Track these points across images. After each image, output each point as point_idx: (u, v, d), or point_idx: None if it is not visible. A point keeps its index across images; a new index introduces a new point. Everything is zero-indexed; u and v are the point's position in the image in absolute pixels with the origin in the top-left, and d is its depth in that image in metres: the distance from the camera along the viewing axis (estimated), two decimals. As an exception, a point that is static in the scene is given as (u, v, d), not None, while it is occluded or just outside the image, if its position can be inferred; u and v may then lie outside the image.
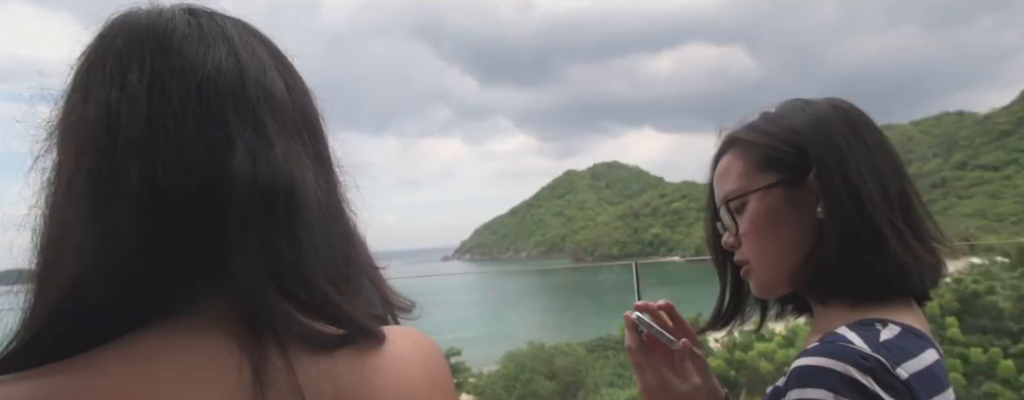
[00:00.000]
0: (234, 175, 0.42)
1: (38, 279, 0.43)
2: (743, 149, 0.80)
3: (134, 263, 0.40)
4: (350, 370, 0.45)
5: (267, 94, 0.46)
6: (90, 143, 0.42)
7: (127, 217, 0.40)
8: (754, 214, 0.78)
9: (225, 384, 0.40)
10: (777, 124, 0.79)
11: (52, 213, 0.44)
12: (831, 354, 0.61)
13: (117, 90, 0.42)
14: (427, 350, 0.53)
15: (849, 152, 0.74)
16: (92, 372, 0.38)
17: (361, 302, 0.50)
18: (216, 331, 0.42)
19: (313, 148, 0.49)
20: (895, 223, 0.72)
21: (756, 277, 0.80)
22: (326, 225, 0.47)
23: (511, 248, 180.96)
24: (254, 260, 0.42)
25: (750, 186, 0.78)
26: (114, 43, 0.45)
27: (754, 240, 0.78)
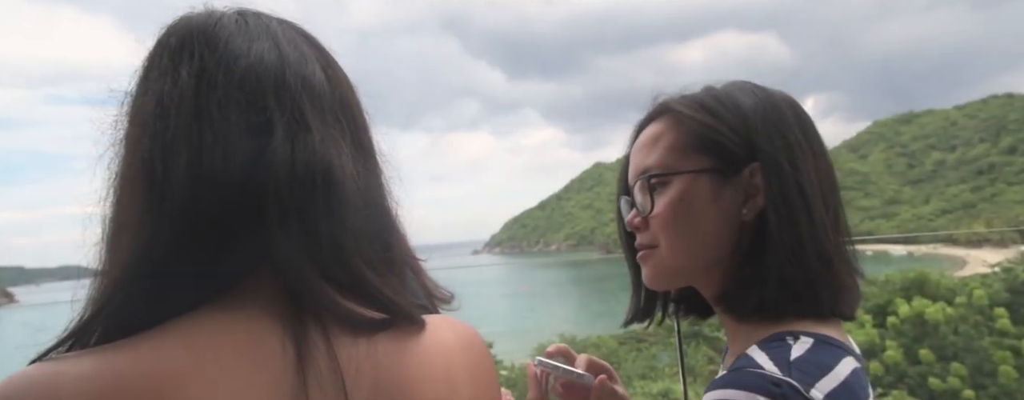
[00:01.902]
0: (273, 158, 0.44)
1: (103, 263, 0.46)
2: (677, 121, 0.70)
3: (184, 246, 0.42)
4: (389, 354, 0.46)
5: (306, 83, 0.48)
6: (144, 132, 0.45)
7: (177, 201, 0.42)
8: (673, 198, 0.68)
9: (270, 364, 0.42)
10: (723, 103, 0.69)
11: (115, 201, 0.47)
12: (738, 384, 0.57)
13: (170, 83, 0.46)
14: (468, 338, 0.54)
15: (800, 152, 0.66)
16: (149, 351, 0.40)
17: (403, 288, 0.50)
18: (261, 313, 0.44)
19: (352, 136, 0.51)
20: (836, 241, 0.67)
21: (654, 265, 0.71)
22: (365, 210, 0.48)
23: (541, 241, 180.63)
24: (294, 242, 0.44)
25: (677, 166, 0.68)
26: (169, 42, 0.49)
27: (665, 227, 0.68)
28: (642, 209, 0.71)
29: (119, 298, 0.42)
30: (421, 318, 0.50)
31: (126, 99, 0.50)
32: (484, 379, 0.53)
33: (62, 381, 0.37)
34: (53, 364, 0.39)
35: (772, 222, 0.65)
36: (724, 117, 0.68)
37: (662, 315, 0.82)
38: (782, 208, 0.65)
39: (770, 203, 0.65)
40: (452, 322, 0.54)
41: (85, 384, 0.37)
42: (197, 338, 0.41)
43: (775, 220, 0.64)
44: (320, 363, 0.43)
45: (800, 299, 0.64)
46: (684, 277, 0.72)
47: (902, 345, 11.83)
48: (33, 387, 0.37)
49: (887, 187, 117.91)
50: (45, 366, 0.39)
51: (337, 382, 0.43)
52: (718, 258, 0.68)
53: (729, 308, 0.70)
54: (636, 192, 0.72)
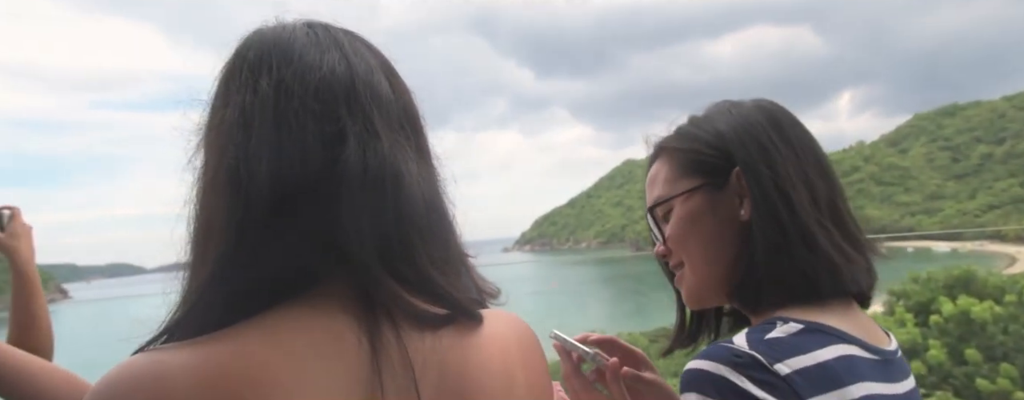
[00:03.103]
0: (346, 165, 0.47)
1: (190, 262, 0.49)
2: (669, 156, 0.80)
3: (267, 247, 0.46)
4: (452, 348, 0.50)
5: (374, 93, 0.52)
6: (230, 141, 0.48)
7: (261, 205, 0.46)
8: (677, 218, 0.77)
9: (348, 357, 0.45)
10: (702, 128, 0.78)
11: (201, 204, 0.50)
12: (706, 355, 0.61)
13: (251, 94, 0.49)
14: (522, 332, 0.57)
15: (775, 152, 0.73)
16: (237, 345, 0.43)
17: (462, 285, 0.54)
18: (336, 310, 0.47)
19: (415, 142, 0.54)
20: (824, 223, 0.71)
21: (685, 285, 0.78)
22: (428, 212, 0.51)
23: (571, 238, 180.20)
24: (366, 243, 0.47)
25: (673, 191, 0.77)
26: (248, 54, 0.52)
27: (679, 245, 0.77)
28: (659, 238, 0.80)
29: (209, 295, 0.45)
30: (480, 313, 0.53)
31: (207, 108, 0.53)
32: (537, 370, 0.56)
33: (166, 369, 0.40)
34: (156, 354, 0.42)
35: (754, 217, 0.71)
36: (702, 138, 0.77)
37: (711, 336, 0.86)
38: (762, 204, 0.71)
39: (752, 201, 0.71)
40: (506, 316, 0.57)
41: (187, 373, 0.40)
42: (281, 333, 0.44)
43: (756, 215, 0.71)
44: (392, 356, 0.46)
45: (791, 285, 0.69)
46: (712, 286, 0.75)
47: (946, 345, 11.43)
48: (141, 374, 0.40)
49: (929, 182, 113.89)
50: (149, 356, 0.42)
51: (408, 373, 0.46)
52: (734, 261, 0.73)
53: (740, 303, 0.74)
54: (650, 224, 0.82)
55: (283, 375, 0.42)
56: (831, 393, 0.59)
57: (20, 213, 1.39)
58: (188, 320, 0.45)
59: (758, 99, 0.79)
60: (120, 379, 0.40)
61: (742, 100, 0.80)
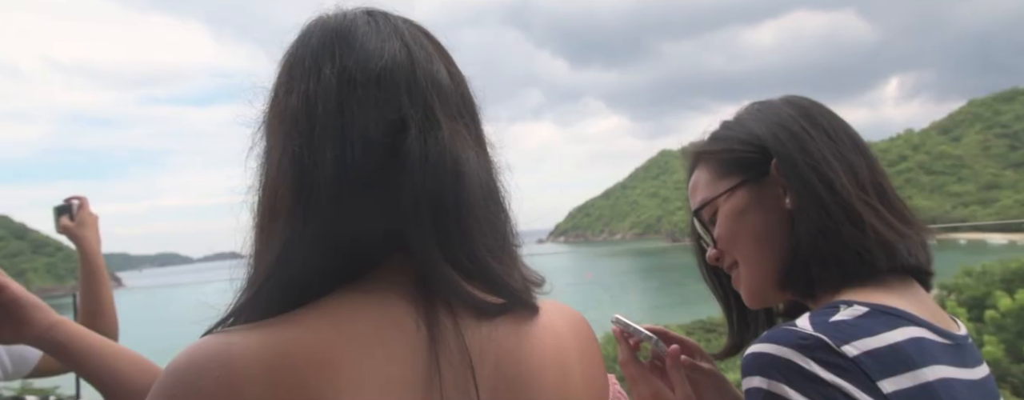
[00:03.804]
0: (409, 153, 0.48)
1: (256, 248, 0.50)
2: (706, 160, 0.81)
3: (331, 233, 0.46)
4: (508, 337, 0.50)
5: (434, 81, 0.52)
6: (294, 128, 0.49)
7: (323, 192, 0.46)
8: (723, 217, 0.77)
9: (407, 344, 0.46)
10: (734, 129, 0.80)
11: (265, 191, 0.51)
12: (769, 339, 0.60)
13: (314, 81, 0.49)
14: (578, 323, 0.58)
15: (807, 138, 0.73)
16: (302, 328, 0.43)
17: (517, 274, 0.53)
18: (395, 296, 0.47)
19: (473, 130, 0.54)
20: (869, 201, 0.70)
21: (743, 284, 0.78)
22: (486, 200, 0.51)
23: (605, 230, 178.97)
24: (425, 231, 0.47)
25: (715, 192, 0.78)
26: (311, 42, 0.52)
27: (730, 244, 0.77)
28: (710, 242, 0.80)
29: (273, 280, 0.46)
30: (536, 303, 0.53)
31: (269, 95, 0.53)
32: (592, 360, 0.57)
33: (234, 351, 0.41)
34: (223, 336, 0.43)
35: (798, 204, 0.71)
36: (735, 137, 0.79)
37: None
38: (802, 189, 0.71)
39: (793, 188, 0.72)
40: (561, 307, 0.57)
41: (253, 354, 0.41)
42: (342, 317, 0.45)
43: (799, 201, 0.71)
44: (450, 344, 0.47)
45: (844, 265, 0.68)
46: (771, 280, 0.75)
47: (1003, 341, 10.93)
48: (211, 355, 0.41)
49: (984, 171, 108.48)
50: (217, 338, 0.43)
51: (465, 362, 0.47)
52: (786, 252, 0.72)
53: (794, 290, 0.74)
54: (698, 229, 0.82)
55: (345, 359, 0.43)
56: (904, 375, 0.57)
57: (88, 203, 1.46)
58: (254, 304, 0.46)
59: (786, 96, 0.81)
60: (191, 360, 0.41)
61: (771, 99, 0.81)
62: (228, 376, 0.40)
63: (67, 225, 1.44)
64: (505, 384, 0.49)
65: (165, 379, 0.41)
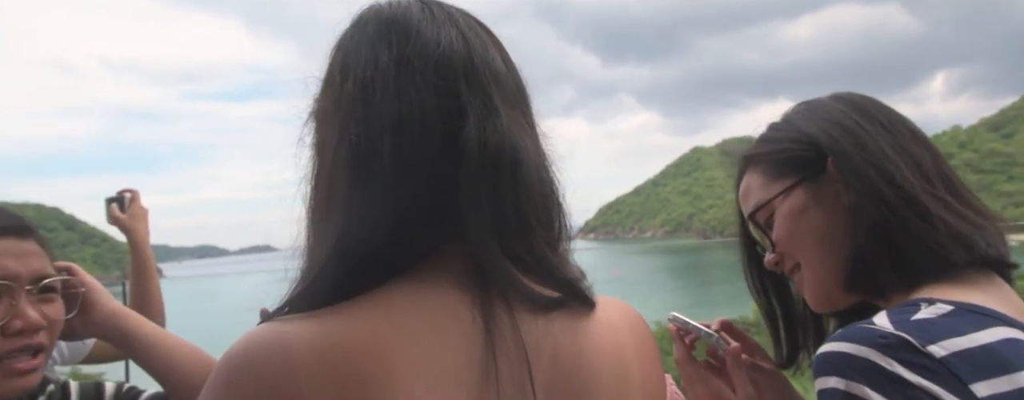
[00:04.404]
0: (468, 141, 0.47)
1: (310, 237, 0.50)
2: (756, 163, 0.78)
3: (387, 221, 0.45)
4: (565, 332, 0.49)
5: (491, 68, 0.51)
6: (350, 116, 0.48)
7: (382, 180, 0.46)
8: (782, 220, 0.74)
9: (462, 334, 0.45)
10: (783, 129, 0.77)
11: (321, 179, 0.50)
12: (847, 338, 0.56)
13: (372, 68, 0.49)
14: (634, 319, 0.57)
15: (862, 133, 0.70)
16: (355, 318, 0.43)
17: (572, 267, 0.52)
18: (450, 286, 0.46)
19: (528, 119, 0.53)
20: (936, 193, 0.66)
21: (807, 287, 0.74)
22: (543, 191, 0.50)
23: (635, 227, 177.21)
24: (483, 220, 0.46)
25: (770, 194, 0.75)
26: (366, 29, 0.52)
27: (790, 247, 0.73)
28: (768, 246, 0.77)
29: (329, 269, 0.45)
30: (593, 298, 0.52)
31: (322, 83, 0.53)
32: (651, 359, 0.55)
33: (291, 339, 0.41)
34: (279, 325, 0.42)
35: (858, 201, 0.68)
36: (786, 137, 0.76)
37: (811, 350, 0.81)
38: (861, 185, 0.68)
39: (851, 184, 0.69)
40: (617, 303, 0.56)
41: (309, 343, 0.41)
42: (397, 307, 0.44)
43: (859, 198, 0.68)
44: (506, 337, 0.45)
45: (916, 262, 0.65)
46: (836, 286, 0.71)
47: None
48: (267, 343, 0.41)
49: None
50: (273, 326, 0.42)
51: (521, 355, 0.46)
52: (851, 253, 0.69)
53: (862, 291, 0.70)
54: (754, 233, 0.79)
55: (400, 349, 0.42)
56: (999, 379, 0.52)
57: (139, 196, 1.49)
58: (309, 293, 0.46)
59: (834, 93, 0.78)
60: (247, 348, 0.41)
61: (819, 98, 0.78)
62: (284, 364, 0.40)
63: (118, 216, 1.49)
64: (562, 380, 0.47)
65: (222, 367, 0.41)
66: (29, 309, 0.71)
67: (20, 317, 0.70)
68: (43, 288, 0.74)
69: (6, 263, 0.71)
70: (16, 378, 0.70)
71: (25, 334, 0.70)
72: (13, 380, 0.70)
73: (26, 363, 0.71)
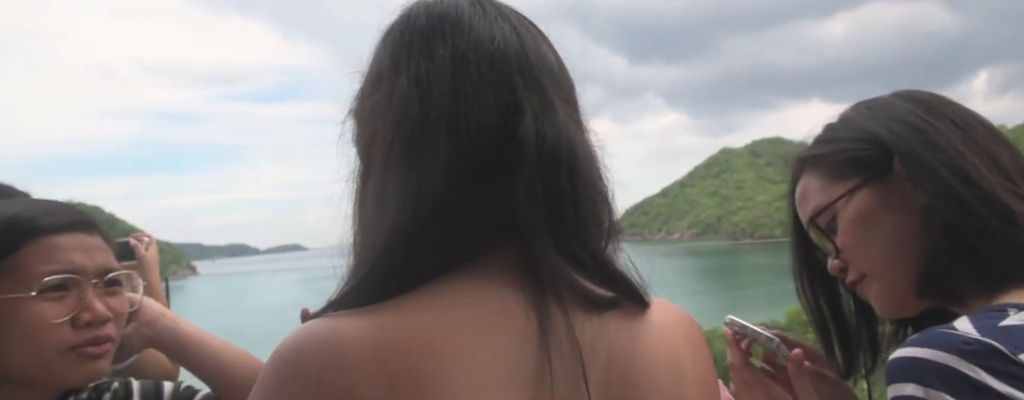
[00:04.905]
0: (523, 136, 0.46)
1: (361, 235, 0.49)
2: (814, 165, 0.74)
3: (442, 218, 0.45)
4: (620, 332, 0.48)
5: (545, 64, 0.50)
6: (404, 111, 0.47)
7: (437, 176, 0.45)
8: (847, 223, 0.69)
9: (516, 332, 0.44)
10: (842, 130, 0.73)
11: (370, 177, 0.49)
12: (926, 343, 0.53)
13: (426, 62, 0.48)
14: (687, 320, 0.56)
15: (932, 130, 0.66)
16: (408, 314, 0.43)
17: (624, 266, 0.51)
18: (503, 283, 0.46)
19: (579, 116, 0.53)
20: (1020, 192, 0.62)
21: (875, 292, 0.70)
22: (595, 188, 0.50)
23: (663, 229, 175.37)
24: (538, 217, 0.45)
25: (831, 196, 0.71)
26: (418, 24, 0.50)
27: (858, 251, 0.69)
28: (831, 252, 0.73)
29: (382, 265, 0.45)
30: (648, 298, 0.51)
31: (368, 80, 0.52)
32: (705, 362, 0.55)
33: (343, 334, 0.41)
34: (330, 320, 0.42)
35: (931, 202, 0.64)
36: (847, 137, 0.72)
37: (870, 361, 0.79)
38: (931, 184, 0.64)
39: (922, 184, 0.65)
40: (668, 304, 0.55)
41: (362, 338, 0.40)
42: (450, 303, 0.44)
43: (928, 197, 0.64)
44: (560, 335, 0.44)
45: (996, 263, 0.61)
46: (909, 291, 0.68)
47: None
48: (320, 338, 0.41)
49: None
50: (323, 322, 0.42)
51: (575, 355, 0.45)
52: (924, 257, 0.66)
53: (938, 297, 0.67)
54: (816, 239, 0.75)
55: (453, 345, 0.42)
56: None
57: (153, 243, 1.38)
58: (361, 289, 0.45)
59: (895, 91, 0.74)
60: (299, 344, 0.41)
61: (878, 96, 0.74)
62: (337, 358, 0.39)
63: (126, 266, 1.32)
64: (617, 381, 0.47)
65: (273, 362, 0.41)
66: (96, 302, 0.74)
67: (88, 310, 0.73)
68: (108, 281, 0.77)
69: (73, 257, 0.73)
70: (88, 364, 0.73)
71: (94, 326, 0.73)
72: (86, 366, 0.73)
73: (97, 348, 0.74)
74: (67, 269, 0.72)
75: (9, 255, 0.71)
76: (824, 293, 0.79)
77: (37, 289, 0.70)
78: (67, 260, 0.72)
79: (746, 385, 0.77)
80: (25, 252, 0.71)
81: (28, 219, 0.73)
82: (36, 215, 0.74)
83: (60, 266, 0.72)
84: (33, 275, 0.70)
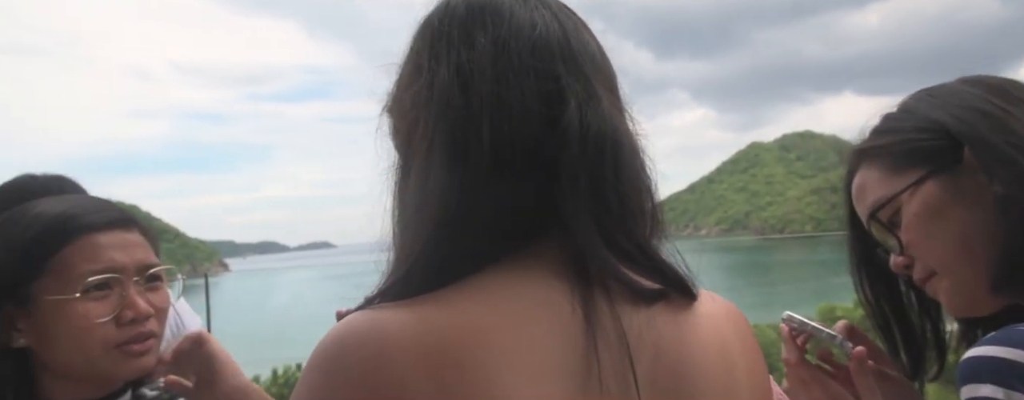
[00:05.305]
0: (567, 125, 0.45)
1: (402, 228, 0.49)
2: (874, 157, 0.70)
3: (485, 208, 0.44)
4: (667, 324, 0.47)
5: (588, 52, 0.50)
6: (446, 101, 0.46)
7: (480, 167, 0.44)
8: (912, 217, 0.66)
9: (562, 324, 0.43)
10: (904, 119, 0.70)
11: (410, 169, 0.49)
12: (1005, 341, 0.52)
13: (467, 50, 0.47)
14: (734, 314, 0.55)
15: (1007, 117, 0.63)
16: (452, 306, 0.42)
17: (670, 258, 0.51)
18: (549, 274, 0.45)
19: (622, 104, 0.52)
20: None
21: (946, 290, 0.66)
22: (640, 177, 0.49)
23: (690, 225, 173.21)
24: (584, 207, 0.45)
25: (895, 189, 0.67)
26: (456, 12, 0.50)
27: (925, 246, 0.66)
28: (895, 248, 0.69)
29: (424, 258, 0.44)
30: (696, 290, 0.50)
31: (406, 71, 0.51)
32: (756, 356, 0.54)
33: (388, 326, 0.40)
34: (373, 313, 0.42)
35: (1003, 190, 0.61)
36: (910, 126, 0.68)
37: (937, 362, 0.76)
38: (1007, 174, 0.61)
39: (995, 173, 0.62)
40: (715, 296, 0.54)
41: (407, 331, 0.40)
42: (494, 296, 0.43)
43: (1004, 188, 0.61)
44: (607, 328, 0.44)
45: None
46: (984, 287, 0.65)
47: None
48: (364, 331, 0.40)
49: None
50: (366, 315, 0.42)
51: (623, 348, 0.44)
52: (1001, 252, 0.63)
53: (1016, 293, 0.63)
54: (877, 235, 0.71)
55: (498, 338, 0.41)
56: None
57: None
58: (404, 282, 0.45)
59: (960, 77, 0.70)
60: (343, 337, 0.40)
61: (943, 83, 0.71)
62: (382, 350, 0.39)
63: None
64: (665, 375, 0.46)
65: (316, 357, 0.41)
66: (138, 299, 0.75)
67: (130, 307, 0.74)
68: (149, 277, 0.78)
69: (113, 256, 0.75)
70: (134, 360, 0.75)
71: (137, 323, 0.75)
72: (132, 362, 0.75)
73: (141, 345, 0.75)
74: (108, 268, 0.74)
75: (55, 254, 0.73)
76: (885, 292, 0.75)
77: (81, 289, 0.72)
78: (108, 259, 0.74)
79: (802, 383, 0.73)
80: (69, 251, 0.73)
81: (71, 217, 0.75)
82: (79, 213, 0.76)
83: (102, 265, 0.74)
84: (77, 275, 0.72)
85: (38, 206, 0.78)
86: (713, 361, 0.49)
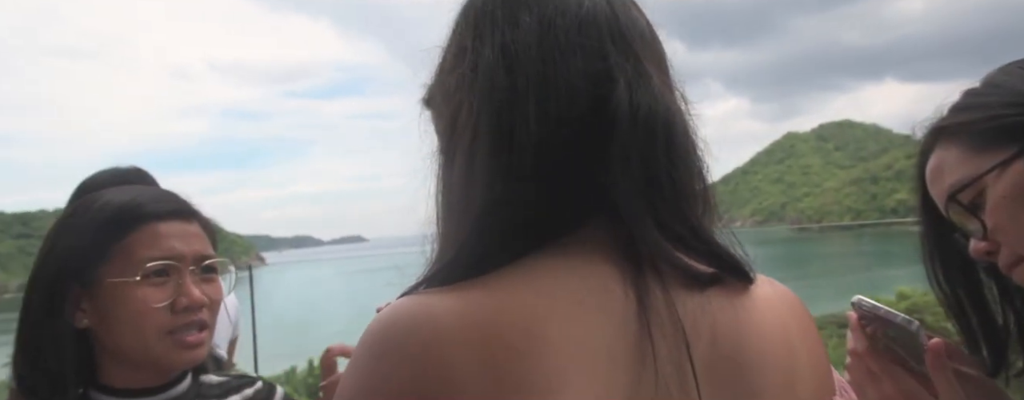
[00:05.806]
0: (616, 104, 0.44)
1: (447, 213, 0.48)
2: (954, 135, 0.65)
3: (533, 191, 0.43)
4: (724, 309, 0.46)
5: (637, 29, 0.48)
6: (491, 83, 0.45)
7: (527, 150, 0.43)
8: (999, 199, 0.61)
9: (614, 310, 0.42)
10: (990, 94, 0.65)
11: (456, 153, 0.47)
12: None
13: (512, 30, 0.46)
14: (791, 297, 0.53)
15: None
16: (500, 290, 0.41)
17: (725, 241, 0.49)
18: (599, 258, 0.44)
19: (672, 83, 0.50)
20: None
21: None
22: (691, 158, 0.47)
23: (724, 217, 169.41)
24: (635, 189, 0.43)
25: (978, 169, 0.62)
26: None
27: (1015, 230, 0.61)
28: (977, 232, 0.64)
29: (473, 242, 0.44)
30: (753, 273, 0.49)
31: (450, 54, 0.50)
32: (816, 342, 0.52)
33: (435, 311, 0.39)
34: (421, 297, 0.41)
35: None
36: (995, 101, 0.64)
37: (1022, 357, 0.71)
38: None
39: None
40: (771, 281, 0.53)
41: (455, 314, 0.39)
42: (544, 280, 0.42)
43: None
44: (661, 313, 0.42)
45: None
46: None
47: None
48: (413, 315, 0.40)
49: None
50: (414, 299, 0.41)
51: (678, 334, 0.42)
52: None
53: None
54: (957, 219, 0.66)
55: (550, 324, 0.40)
56: None
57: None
58: (451, 267, 0.44)
59: None
60: (393, 322, 0.40)
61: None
62: (433, 337, 0.38)
63: None
64: (723, 362, 0.44)
65: (365, 342, 0.40)
66: (193, 288, 0.78)
67: (186, 295, 0.77)
68: (205, 268, 0.81)
69: (172, 245, 0.78)
70: (186, 350, 0.78)
71: (190, 311, 0.77)
72: (183, 352, 0.78)
73: (194, 336, 0.78)
74: (168, 255, 0.77)
75: (120, 240, 0.76)
76: (962, 280, 0.71)
77: (141, 274, 0.75)
78: (168, 246, 0.77)
79: (870, 376, 0.67)
80: (133, 238, 0.77)
81: (137, 206, 0.78)
82: (143, 203, 0.79)
83: (162, 252, 0.77)
84: (138, 260, 0.76)
85: (107, 195, 0.82)
86: (774, 346, 0.47)
